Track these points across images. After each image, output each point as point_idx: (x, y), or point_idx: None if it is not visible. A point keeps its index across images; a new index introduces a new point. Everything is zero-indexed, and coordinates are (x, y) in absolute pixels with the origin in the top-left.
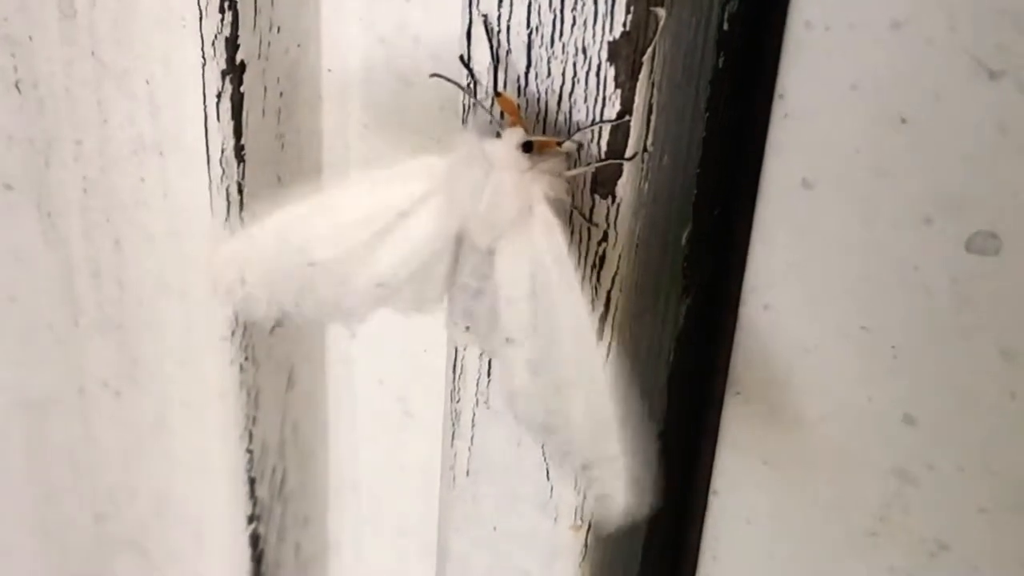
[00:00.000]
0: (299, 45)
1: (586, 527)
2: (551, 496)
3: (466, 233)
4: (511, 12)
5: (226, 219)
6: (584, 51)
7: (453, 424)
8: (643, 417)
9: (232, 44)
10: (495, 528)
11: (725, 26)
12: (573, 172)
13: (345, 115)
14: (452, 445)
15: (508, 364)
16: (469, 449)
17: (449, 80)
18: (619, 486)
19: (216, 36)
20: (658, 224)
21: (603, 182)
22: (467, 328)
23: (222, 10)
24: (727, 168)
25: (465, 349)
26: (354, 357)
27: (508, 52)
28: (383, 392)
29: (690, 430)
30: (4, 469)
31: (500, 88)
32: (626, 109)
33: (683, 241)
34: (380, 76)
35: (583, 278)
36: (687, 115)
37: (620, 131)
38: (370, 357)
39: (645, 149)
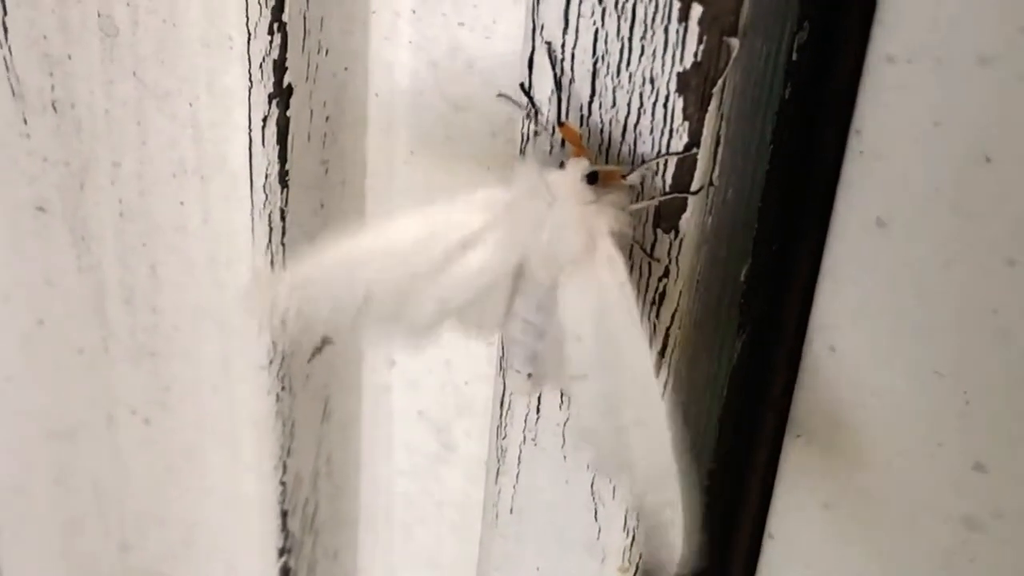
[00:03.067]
0: (346, 68)
1: (633, 569)
2: (598, 537)
3: (527, 266)
4: (576, 40)
5: (267, 245)
6: (652, 81)
7: (498, 460)
8: (693, 458)
9: (280, 67)
10: (538, 568)
11: (794, 56)
12: (638, 205)
13: (391, 141)
14: (496, 482)
15: (577, 401)
16: (514, 487)
17: (516, 102)
18: (676, 532)
19: (264, 58)
20: (719, 259)
21: (666, 216)
22: (529, 376)
23: (271, 32)
24: (789, 201)
25: (529, 396)
26: (393, 387)
27: (571, 81)
28: (422, 424)
29: (740, 469)
30: (30, 496)
31: (563, 117)
32: (694, 141)
33: (742, 277)
34: (429, 101)
35: (643, 315)
36: (752, 147)
37: (686, 164)
38: (409, 388)
39: (711, 183)
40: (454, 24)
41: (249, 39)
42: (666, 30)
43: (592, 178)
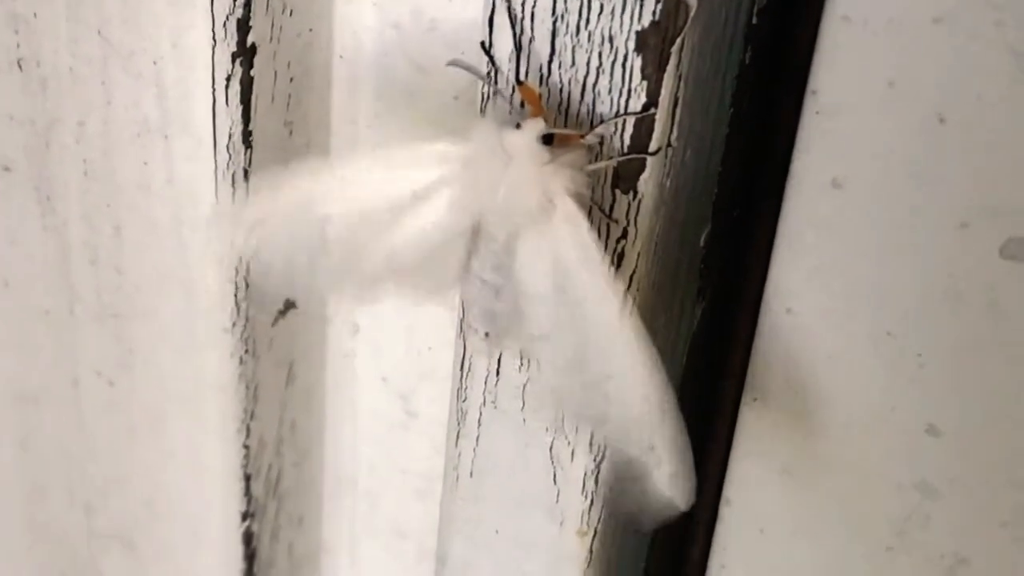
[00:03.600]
0: (311, 29)
1: (592, 533)
2: (557, 500)
3: (483, 225)
4: None
5: (231, 206)
6: (611, 40)
7: (459, 423)
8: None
9: (244, 26)
10: (497, 531)
11: (754, 19)
12: (595, 166)
13: (356, 103)
14: (456, 445)
15: (542, 360)
16: (474, 450)
17: (468, 68)
18: (668, 477)
19: (228, 17)
20: (677, 222)
21: (625, 177)
22: (487, 334)
23: None
24: (748, 167)
25: (489, 356)
26: (357, 353)
27: (531, 40)
28: (386, 390)
29: (700, 436)
30: None
31: (522, 77)
32: (652, 102)
33: (702, 241)
34: (393, 63)
35: None
36: (711, 110)
37: (644, 124)
38: (373, 353)
39: (669, 144)
40: None
41: None
42: None
43: (548, 139)
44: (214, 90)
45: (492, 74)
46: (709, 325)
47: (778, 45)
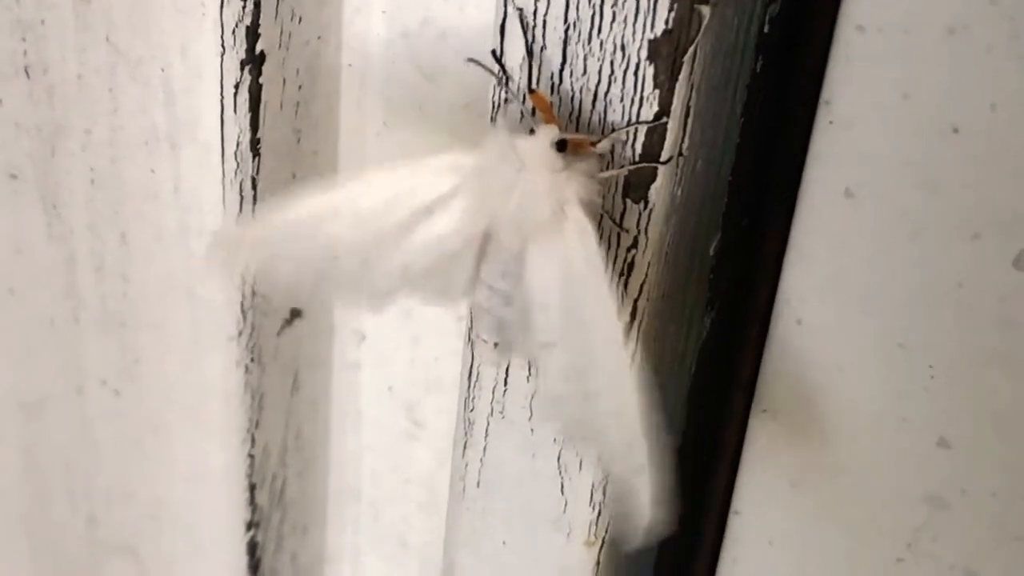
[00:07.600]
0: (320, 37)
1: (599, 543)
2: (564, 511)
3: (494, 233)
4: (548, 6)
5: (238, 215)
6: (623, 49)
7: (466, 433)
8: (664, 431)
9: (252, 33)
10: (504, 543)
11: (766, 28)
12: (607, 174)
13: (364, 111)
14: (463, 455)
15: (545, 369)
16: (481, 460)
17: (486, 67)
18: (645, 500)
19: (237, 24)
20: (688, 232)
21: (636, 186)
22: (496, 345)
23: None
24: (759, 176)
25: (497, 366)
26: (363, 362)
27: (543, 48)
28: (391, 400)
29: (708, 447)
30: None
31: (534, 85)
32: (664, 110)
33: (711, 251)
34: (402, 72)
35: (611, 285)
36: (723, 119)
37: (656, 133)
38: (379, 363)
39: (681, 153)
40: None
41: (222, 5)
42: None
43: (561, 145)
44: (222, 98)
45: (504, 81)
46: (719, 335)
47: (790, 54)
